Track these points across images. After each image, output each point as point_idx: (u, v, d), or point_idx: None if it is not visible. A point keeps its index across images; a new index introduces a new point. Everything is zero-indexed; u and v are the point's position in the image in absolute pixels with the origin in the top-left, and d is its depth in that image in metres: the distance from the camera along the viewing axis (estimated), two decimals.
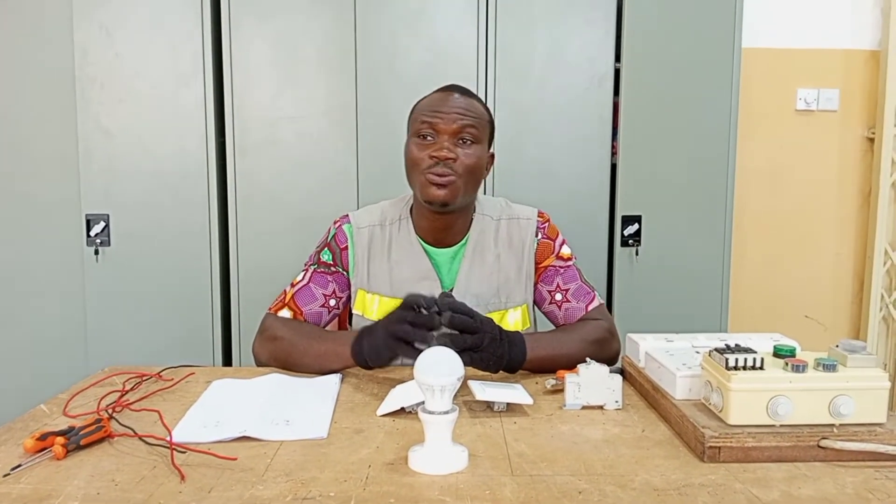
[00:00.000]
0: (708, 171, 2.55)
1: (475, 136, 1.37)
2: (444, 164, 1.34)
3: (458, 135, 1.36)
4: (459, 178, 1.35)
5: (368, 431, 1.03)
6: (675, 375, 1.07)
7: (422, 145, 1.36)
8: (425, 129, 1.36)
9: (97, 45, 2.41)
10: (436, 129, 1.36)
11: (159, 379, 1.26)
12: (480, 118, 1.39)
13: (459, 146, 1.36)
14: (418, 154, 1.36)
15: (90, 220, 2.43)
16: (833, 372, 0.96)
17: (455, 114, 1.36)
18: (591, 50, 2.48)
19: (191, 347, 2.48)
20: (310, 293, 1.43)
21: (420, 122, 1.37)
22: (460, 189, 1.36)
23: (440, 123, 1.35)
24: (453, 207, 1.37)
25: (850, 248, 3.07)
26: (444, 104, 1.37)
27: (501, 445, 0.98)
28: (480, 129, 1.38)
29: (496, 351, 1.21)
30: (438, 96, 1.40)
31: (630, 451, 0.97)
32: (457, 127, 1.35)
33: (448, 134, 1.35)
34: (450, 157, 1.34)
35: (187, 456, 0.93)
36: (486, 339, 1.20)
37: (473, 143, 1.37)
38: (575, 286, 1.45)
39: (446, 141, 1.35)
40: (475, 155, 1.37)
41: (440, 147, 1.34)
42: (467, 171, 1.36)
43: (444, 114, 1.36)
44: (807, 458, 0.93)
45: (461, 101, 1.38)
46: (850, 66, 2.99)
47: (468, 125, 1.36)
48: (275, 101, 2.45)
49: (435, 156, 1.34)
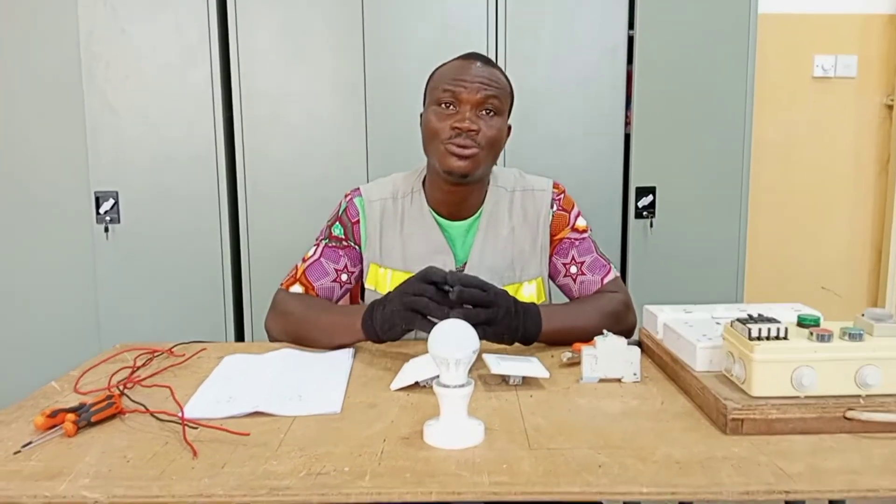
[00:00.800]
0: (723, 140, 2.50)
1: (497, 107, 1.33)
2: (466, 136, 1.30)
3: (482, 105, 1.32)
4: (481, 151, 1.31)
5: (382, 406, 1.01)
6: (695, 347, 1.04)
7: (443, 115, 1.32)
8: (447, 98, 1.32)
9: (103, 23, 2.38)
10: (458, 98, 1.31)
11: (171, 355, 1.25)
12: (503, 89, 1.35)
13: (482, 117, 1.32)
14: (439, 124, 1.32)
15: (99, 197, 2.42)
16: (859, 341, 0.93)
17: (478, 83, 1.31)
18: (604, 17, 2.43)
19: (203, 323, 2.47)
20: (321, 268, 1.41)
21: (441, 90, 1.32)
22: (481, 161, 1.32)
23: (463, 93, 1.31)
24: (471, 179, 1.34)
25: (867, 217, 3.02)
26: (467, 73, 1.32)
27: (518, 419, 0.96)
28: (502, 100, 1.34)
29: (511, 323, 1.19)
30: (460, 64, 1.35)
31: (650, 424, 0.94)
32: (480, 97, 1.31)
33: (471, 104, 1.31)
34: (472, 129, 1.30)
35: (199, 432, 0.91)
36: (500, 313, 1.17)
37: (495, 115, 1.33)
38: (590, 259, 1.43)
39: (468, 111, 1.31)
40: (497, 127, 1.33)
41: (462, 117, 1.30)
42: (489, 144, 1.32)
43: (467, 83, 1.31)
44: (832, 429, 0.91)
45: (484, 71, 1.33)
46: (868, 32, 2.92)
47: (491, 96, 1.32)
48: (283, 77, 2.42)
49: (457, 126, 1.30)
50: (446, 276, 1.15)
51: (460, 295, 1.13)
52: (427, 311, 1.13)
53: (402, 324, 1.16)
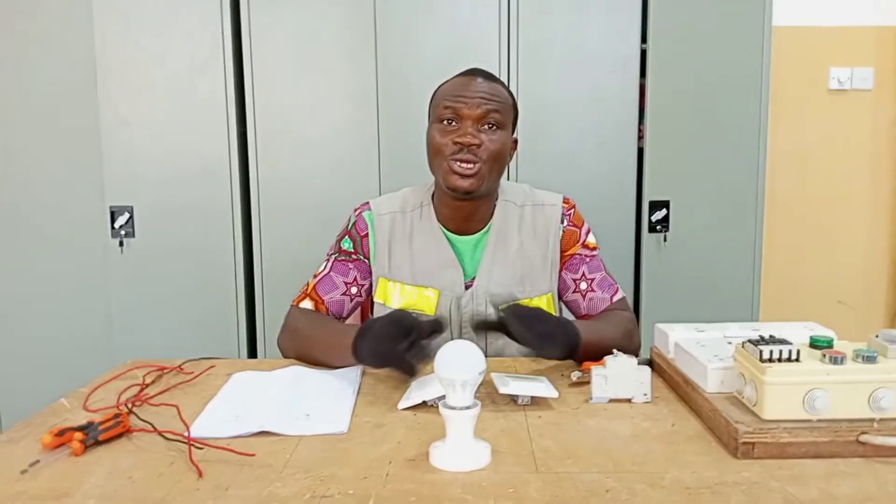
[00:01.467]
0: (738, 153, 2.48)
1: (499, 121, 1.33)
2: (468, 150, 1.30)
3: (483, 120, 1.32)
4: (484, 165, 1.32)
5: (389, 426, 1.01)
6: (706, 368, 1.03)
7: (445, 131, 1.33)
8: (448, 114, 1.33)
9: (116, 35, 2.40)
10: (459, 114, 1.32)
11: (180, 372, 1.25)
12: (504, 103, 1.35)
13: (483, 132, 1.32)
14: (441, 140, 1.33)
15: (114, 211, 2.44)
16: (873, 363, 0.91)
17: (479, 98, 1.32)
18: (616, 31, 2.42)
19: (216, 338, 2.48)
20: (331, 282, 1.41)
21: (443, 106, 1.33)
22: (485, 176, 1.33)
23: (464, 108, 1.31)
24: (477, 195, 1.34)
25: (884, 230, 2.99)
26: (468, 88, 1.33)
27: (526, 441, 0.95)
28: (504, 114, 1.35)
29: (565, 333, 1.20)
30: (461, 80, 1.36)
31: (660, 447, 0.93)
32: (481, 112, 1.32)
33: (472, 119, 1.32)
34: (474, 143, 1.30)
35: (206, 451, 0.91)
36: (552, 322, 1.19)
37: (498, 129, 1.33)
38: (600, 276, 1.42)
39: (470, 126, 1.31)
40: (500, 140, 1.33)
41: (464, 133, 1.31)
42: (492, 158, 1.32)
43: (467, 98, 1.32)
44: (846, 453, 0.89)
45: (485, 86, 1.34)
46: (885, 44, 2.89)
47: (492, 110, 1.32)
48: (295, 89, 2.43)
49: (459, 141, 1.30)
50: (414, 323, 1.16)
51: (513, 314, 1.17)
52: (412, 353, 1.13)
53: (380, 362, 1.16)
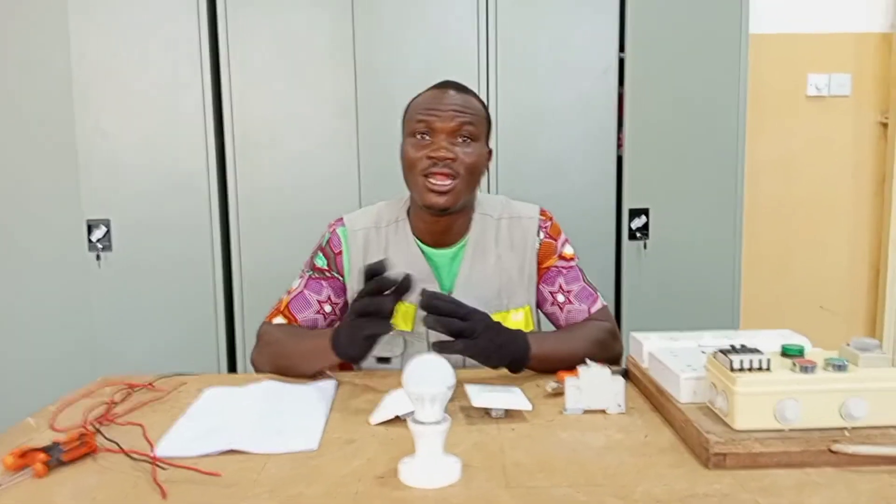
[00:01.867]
0: (717, 160, 2.49)
1: (473, 133, 1.32)
2: (442, 165, 1.29)
3: (456, 133, 1.31)
4: (460, 180, 1.31)
5: (361, 441, 1.00)
6: (679, 378, 1.02)
7: (418, 145, 1.32)
8: (421, 128, 1.32)
9: (94, 45, 2.38)
10: (432, 127, 1.31)
11: (150, 389, 1.23)
12: (477, 114, 1.35)
13: (458, 145, 1.31)
14: (415, 154, 1.31)
15: (91, 225, 2.42)
16: (844, 372, 0.91)
17: (452, 111, 1.31)
18: (595, 40, 2.43)
19: (196, 353, 2.46)
20: (304, 300, 1.39)
21: (416, 121, 1.32)
22: (461, 192, 1.32)
23: (436, 122, 1.30)
24: (453, 210, 1.33)
25: (864, 236, 3.00)
26: (440, 102, 1.32)
27: (498, 455, 0.94)
28: (478, 126, 1.34)
29: (495, 339, 1.17)
30: (433, 94, 1.35)
31: (632, 459, 0.92)
32: (454, 125, 1.31)
33: (445, 133, 1.30)
34: (448, 157, 1.29)
35: (171, 472, 0.90)
36: (479, 326, 1.15)
37: (472, 141, 1.33)
38: (578, 287, 1.41)
39: (444, 140, 1.30)
40: (474, 153, 1.33)
41: (438, 147, 1.30)
42: (467, 171, 1.31)
43: (440, 111, 1.31)
44: (818, 463, 0.89)
45: (457, 98, 1.33)
46: (862, 50, 2.92)
47: (466, 122, 1.31)
48: (274, 99, 2.42)
49: (433, 156, 1.29)
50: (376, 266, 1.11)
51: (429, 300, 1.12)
52: (372, 307, 1.10)
53: (360, 333, 1.12)
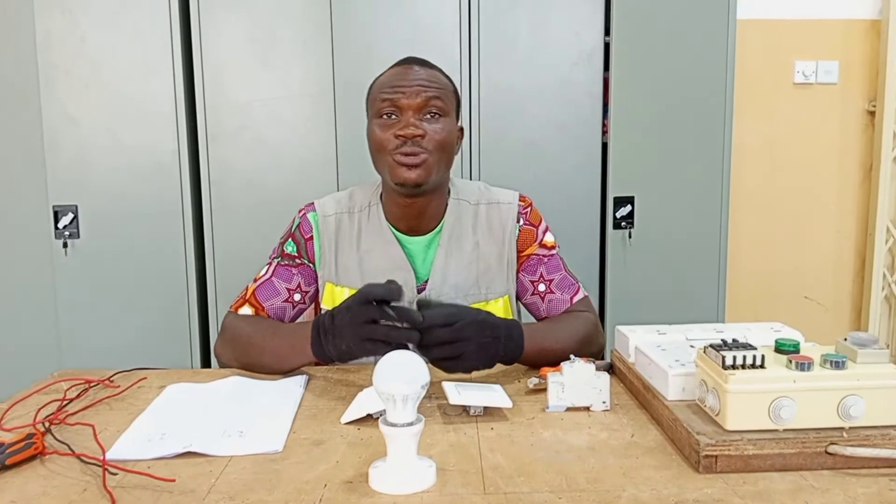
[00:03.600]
0: (703, 148, 2.44)
1: (442, 108, 1.26)
2: (412, 143, 1.22)
3: (424, 109, 1.24)
4: (431, 156, 1.24)
5: (329, 443, 0.93)
6: (667, 374, 0.97)
7: (385, 125, 1.25)
8: (387, 108, 1.25)
9: (61, 31, 2.28)
10: (398, 105, 1.24)
11: (108, 385, 1.16)
12: (445, 89, 1.28)
13: (426, 121, 1.24)
14: (382, 135, 1.24)
15: (58, 211, 2.33)
16: (842, 369, 0.86)
17: (417, 86, 1.24)
18: (579, 23, 2.36)
19: (168, 344, 2.38)
20: (272, 288, 1.32)
21: (380, 100, 1.26)
22: (433, 167, 1.25)
23: (402, 98, 1.24)
24: (426, 188, 1.26)
25: (850, 225, 2.97)
26: (405, 78, 1.25)
27: (475, 457, 0.88)
28: (447, 101, 1.27)
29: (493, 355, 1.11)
30: (396, 70, 1.28)
31: (617, 461, 0.87)
32: (421, 101, 1.24)
33: (412, 109, 1.24)
34: (418, 134, 1.22)
35: (123, 476, 0.83)
36: (470, 347, 1.07)
37: (441, 117, 1.26)
38: (559, 276, 1.35)
39: (411, 117, 1.23)
40: (444, 129, 1.26)
41: (406, 124, 1.23)
42: (438, 147, 1.25)
43: (405, 87, 1.24)
44: (813, 466, 0.84)
45: (422, 73, 1.26)
46: (850, 37, 2.87)
47: (433, 97, 1.24)
48: (248, 84, 2.34)
49: (401, 134, 1.22)
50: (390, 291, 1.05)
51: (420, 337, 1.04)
52: (388, 339, 1.03)
53: (362, 355, 1.06)
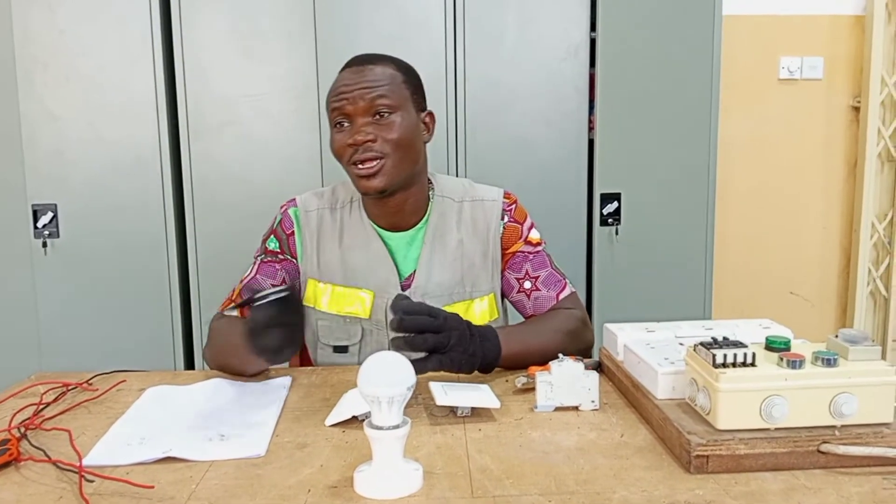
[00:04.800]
0: (689, 144, 2.43)
1: (391, 105, 1.22)
2: (363, 150, 1.20)
3: (371, 111, 1.22)
4: (388, 158, 1.21)
5: (313, 446, 0.91)
6: (656, 372, 0.96)
7: (340, 133, 1.24)
8: (336, 117, 1.24)
9: (39, 23, 2.24)
10: (346, 113, 1.22)
11: (86, 389, 1.13)
12: (391, 83, 1.24)
13: (376, 123, 1.22)
14: (337, 145, 1.24)
15: (37, 210, 2.28)
16: (833, 367, 0.85)
17: (359, 90, 1.21)
18: (565, 18, 2.35)
19: (150, 345, 2.34)
20: (257, 285, 1.30)
21: (330, 109, 1.25)
22: (393, 168, 1.22)
23: (346, 105, 1.22)
24: (395, 188, 1.24)
25: (836, 221, 2.98)
26: (348, 83, 1.23)
27: (463, 459, 0.87)
28: (396, 95, 1.23)
29: (468, 348, 1.08)
30: (342, 76, 1.26)
31: (607, 462, 0.85)
32: (366, 104, 1.21)
33: (360, 114, 1.21)
34: (367, 140, 1.20)
35: (100, 483, 0.81)
36: (452, 337, 1.07)
37: (391, 113, 1.23)
38: (545, 273, 1.33)
39: (361, 123, 1.21)
40: (398, 126, 1.22)
41: (355, 131, 1.21)
42: (395, 147, 1.22)
43: (348, 94, 1.22)
44: (806, 465, 0.83)
45: (366, 73, 1.23)
46: (835, 33, 2.88)
47: (378, 96, 1.21)
48: (231, 79, 2.30)
49: (351, 143, 1.21)
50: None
51: (401, 323, 1.03)
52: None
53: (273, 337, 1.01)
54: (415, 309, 1.06)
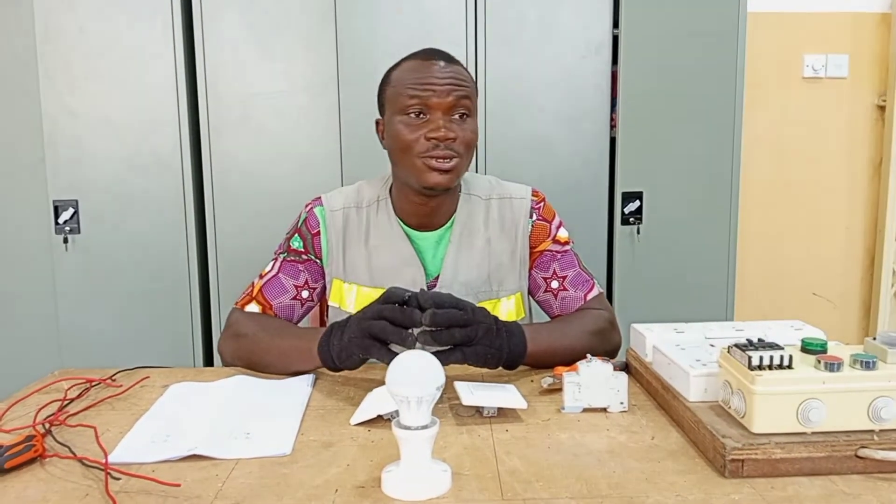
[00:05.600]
0: (712, 143, 2.41)
1: (470, 108, 1.22)
2: (444, 146, 1.18)
3: (454, 109, 1.20)
4: (461, 159, 1.21)
5: (339, 445, 0.90)
6: (688, 374, 0.94)
7: (413, 125, 1.20)
8: (415, 106, 1.19)
9: (60, 21, 2.25)
10: (428, 104, 1.19)
11: (109, 385, 1.13)
12: (471, 86, 1.24)
13: (456, 122, 1.20)
14: (411, 136, 1.19)
15: (58, 206, 2.29)
16: (872, 370, 0.83)
17: (448, 85, 1.19)
18: (587, 15, 2.33)
19: (170, 340, 2.35)
20: (279, 285, 1.29)
21: (407, 96, 1.20)
22: (461, 169, 1.22)
23: (432, 97, 1.19)
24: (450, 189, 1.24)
25: (860, 221, 2.94)
26: (433, 74, 1.20)
27: (491, 460, 0.85)
28: (473, 100, 1.23)
29: (493, 342, 1.07)
30: (421, 65, 1.22)
31: (639, 465, 0.84)
32: (452, 100, 1.19)
33: (442, 109, 1.19)
34: (451, 137, 1.18)
35: (126, 481, 0.80)
36: (479, 331, 1.05)
37: (469, 117, 1.22)
38: (573, 273, 1.32)
39: (441, 118, 1.19)
40: (472, 130, 1.23)
41: (437, 126, 1.18)
42: (467, 149, 1.22)
43: (435, 85, 1.19)
44: (843, 470, 0.81)
45: (449, 70, 1.21)
46: (860, 31, 2.84)
47: (463, 97, 1.20)
48: (251, 76, 2.30)
49: (434, 137, 1.18)
50: (412, 295, 1.04)
51: (433, 318, 1.02)
52: (384, 335, 1.01)
53: (359, 353, 1.04)
54: (445, 301, 1.04)
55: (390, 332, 1.01)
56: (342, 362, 1.07)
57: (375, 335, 1.02)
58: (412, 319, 1.01)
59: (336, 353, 1.06)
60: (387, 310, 1.02)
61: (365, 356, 1.04)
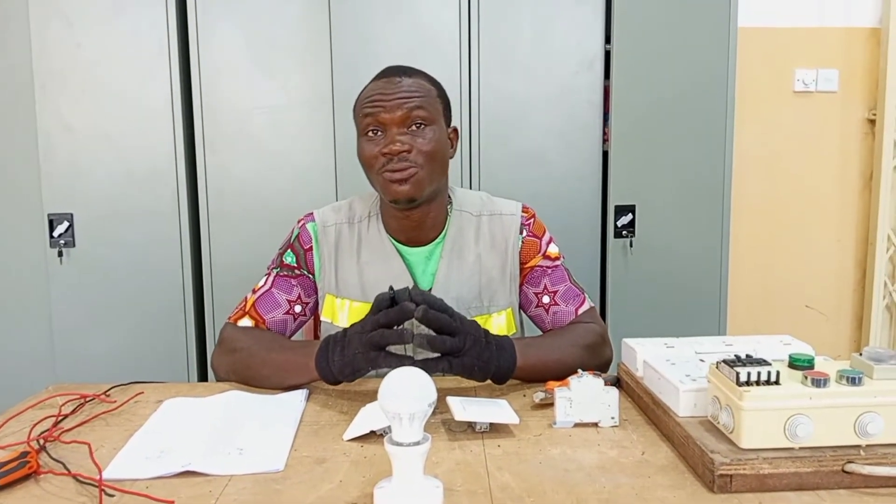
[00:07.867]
0: (704, 156, 2.43)
1: (426, 117, 1.23)
2: (399, 159, 1.20)
3: (408, 121, 1.21)
4: (421, 169, 1.21)
5: (332, 461, 0.91)
6: (678, 390, 0.95)
7: (371, 142, 1.23)
8: (371, 124, 1.22)
9: (56, 36, 2.26)
10: (381, 121, 1.21)
11: (104, 400, 1.13)
12: (427, 95, 1.24)
13: (412, 133, 1.22)
14: (370, 153, 1.22)
15: (53, 219, 2.30)
16: (858, 385, 0.84)
17: (398, 99, 1.21)
18: (580, 31, 2.35)
19: (165, 355, 2.35)
20: (272, 300, 1.30)
21: (363, 116, 1.23)
22: (424, 179, 1.22)
23: (383, 113, 1.21)
24: (421, 200, 1.24)
25: (851, 234, 2.96)
26: (385, 91, 1.22)
27: (482, 476, 0.86)
28: (431, 108, 1.24)
29: (482, 355, 1.08)
30: (377, 84, 1.25)
31: (629, 480, 0.85)
32: (403, 114, 1.21)
33: (396, 124, 1.21)
34: (403, 150, 1.20)
35: (120, 498, 0.81)
36: (467, 341, 1.07)
37: (427, 126, 1.23)
38: (564, 288, 1.33)
39: (396, 132, 1.21)
40: (432, 139, 1.23)
41: (390, 140, 1.20)
42: (428, 159, 1.22)
43: (385, 102, 1.21)
44: (830, 485, 0.82)
45: (403, 83, 1.23)
46: (850, 45, 2.87)
47: (415, 107, 1.21)
48: (246, 91, 2.32)
49: (386, 152, 1.20)
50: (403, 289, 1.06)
51: (425, 315, 1.03)
52: (385, 341, 1.03)
53: (367, 366, 1.05)
54: (437, 304, 1.07)
55: (389, 336, 1.03)
56: (346, 377, 1.08)
57: (377, 344, 1.04)
58: (405, 313, 1.04)
59: (338, 368, 1.07)
60: (381, 317, 1.05)
61: (373, 368, 1.05)
